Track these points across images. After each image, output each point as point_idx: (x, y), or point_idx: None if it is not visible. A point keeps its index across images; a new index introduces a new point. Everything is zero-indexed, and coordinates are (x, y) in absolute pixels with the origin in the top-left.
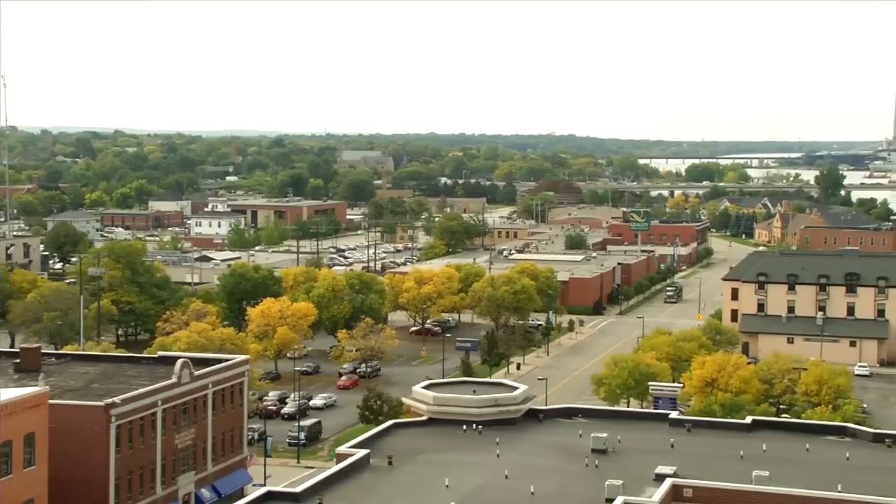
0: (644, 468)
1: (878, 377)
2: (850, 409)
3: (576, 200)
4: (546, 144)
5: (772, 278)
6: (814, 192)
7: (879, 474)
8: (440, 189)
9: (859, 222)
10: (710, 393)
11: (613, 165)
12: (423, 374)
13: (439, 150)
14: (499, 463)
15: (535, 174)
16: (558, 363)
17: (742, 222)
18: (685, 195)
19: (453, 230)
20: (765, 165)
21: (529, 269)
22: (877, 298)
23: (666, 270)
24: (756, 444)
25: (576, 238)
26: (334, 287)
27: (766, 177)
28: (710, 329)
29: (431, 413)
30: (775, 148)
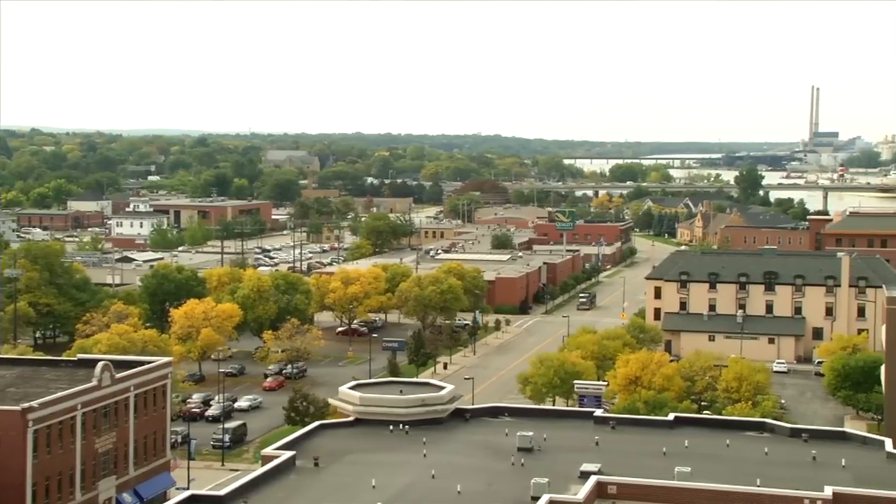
0: (569, 466)
1: (795, 373)
2: (768, 404)
3: (502, 200)
4: (472, 144)
5: (693, 277)
6: (734, 192)
7: (796, 468)
8: (367, 189)
9: (777, 222)
10: (634, 391)
11: (539, 165)
12: (350, 374)
13: (365, 150)
14: (426, 463)
15: (461, 174)
16: (485, 362)
17: (665, 222)
18: (609, 195)
19: (380, 230)
20: (686, 166)
21: (456, 268)
22: (794, 296)
23: (591, 270)
24: (678, 441)
25: (502, 238)
26: (259, 288)
27: (688, 177)
28: (634, 327)
29: (358, 414)
30: (696, 149)
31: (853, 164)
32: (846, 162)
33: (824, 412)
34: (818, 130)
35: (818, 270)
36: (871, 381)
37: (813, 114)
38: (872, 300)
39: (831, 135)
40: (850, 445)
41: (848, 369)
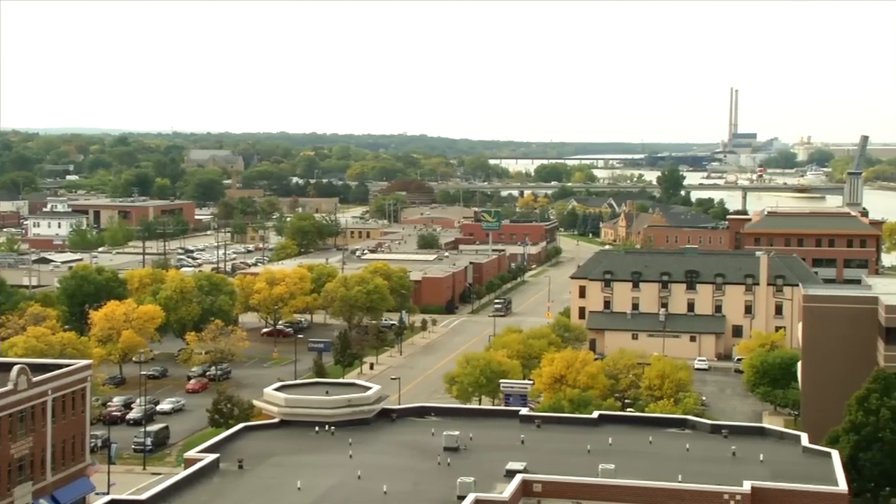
0: (495, 465)
1: (716, 370)
2: (690, 401)
3: (428, 200)
4: (398, 144)
5: (617, 276)
6: (656, 192)
7: (716, 464)
8: (292, 189)
9: (698, 221)
10: (559, 389)
11: (465, 166)
12: (275, 375)
13: (290, 150)
14: (352, 463)
15: (387, 174)
16: (411, 362)
17: (589, 221)
18: (534, 195)
19: (305, 230)
20: (610, 166)
21: (382, 268)
22: (714, 295)
23: (516, 269)
24: (602, 438)
25: (428, 238)
26: (182, 289)
27: (611, 177)
28: (559, 326)
29: (283, 415)
30: (619, 149)
31: (771, 165)
32: (764, 162)
33: (743, 408)
34: (737, 132)
35: (738, 269)
36: (788, 378)
37: (732, 115)
38: (789, 298)
39: (750, 136)
40: (768, 441)
41: (766, 366)
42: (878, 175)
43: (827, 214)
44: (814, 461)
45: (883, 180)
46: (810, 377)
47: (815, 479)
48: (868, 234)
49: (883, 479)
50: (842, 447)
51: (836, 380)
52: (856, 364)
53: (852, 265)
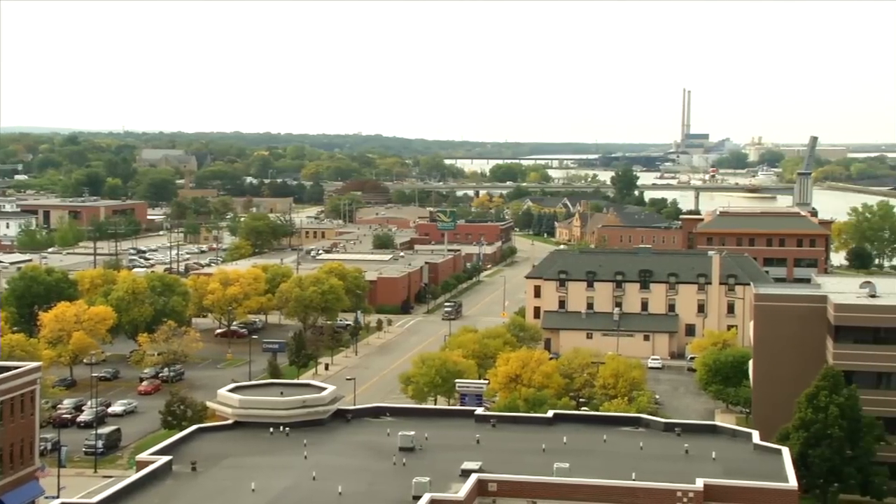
0: (450, 464)
1: (669, 369)
2: (643, 400)
3: (383, 200)
4: (353, 144)
5: (572, 276)
6: (610, 192)
7: (670, 462)
8: (246, 189)
9: (652, 221)
10: (515, 388)
11: (420, 165)
12: (229, 377)
13: (244, 150)
14: (306, 464)
15: (342, 174)
16: (367, 363)
17: (544, 221)
18: (490, 195)
19: (259, 230)
20: (564, 166)
21: (337, 269)
22: (668, 294)
23: (472, 269)
24: (557, 437)
25: (383, 238)
26: (134, 290)
27: (566, 177)
28: (515, 326)
29: (237, 416)
30: (574, 149)
31: (723, 165)
32: (716, 163)
33: (696, 406)
34: (690, 132)
35: (690, 269)
36: (739, 376)
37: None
38: (741, 297)
39: (702, 136)
40: (720, 438)
41: (718, 364)
42: (827, 175)
43: (777, 214)
44: (764, 458)
45: (832, 180)
46: (761, 375)
47: (766, 475)
48: (817, 234)
49: (831, 476)
50: (792, 444)
51: (786, 378)
52: (806, 362)
53: (802, 264)
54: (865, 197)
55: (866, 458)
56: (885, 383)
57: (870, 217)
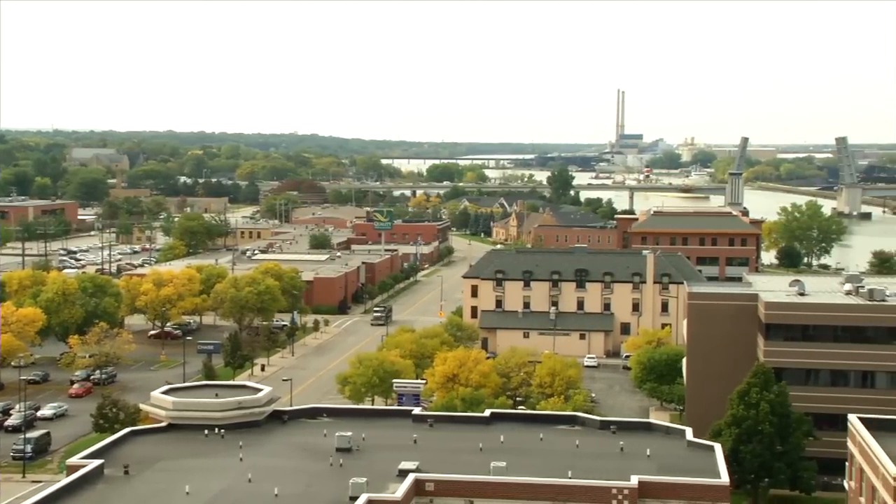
0: (388, 465)
1: (605, 367)
2: (579, 398)
3: (320, 200)
4: (289, 144)
5: (509, 275)
6: (546, 192)
7: (605, 459)
8: (179, 188)
9: (587, 221)
10: (452, 388)
11: (357, 165)
12: (163, 378)
13: (178, 149)
14: (242, 466)
15: (278, 174)
16: (304, 363)
17: (481, 221)
18: (427, 195)
19: (194, 230)
20: (501, 166)
21: (273, 269)
22: (603, 293)
23: (409, 269)
24: (494, 436)
25: (320, 238)
26: (65, 291)
27: (503, 177)
28: (452, 326)
29: (171, 419)
30: (510, 149)
31: (657, 166)
32: (650, 163)
33: (631, 404)
34: (624, 133)
35: (625, 268)
36: (673, 374)
37: (619, 116)
38: (675, 296)
39: (636, 137)
40: (654, 435)
41: (653, 362)
42: (758, 175)
43: (710, 214)
44: (697, 455)
45: (762, 181)
46: (694, 373)
47: (699, 472)
48: (748, 233)
49: (762, 471)
50: (724, 440)
51: (718, 375)
52: (737, 360)
53: (734, 263)
54: (794, 197)
55: (795, 454)
56: (814, 380)
57: (799, 217)
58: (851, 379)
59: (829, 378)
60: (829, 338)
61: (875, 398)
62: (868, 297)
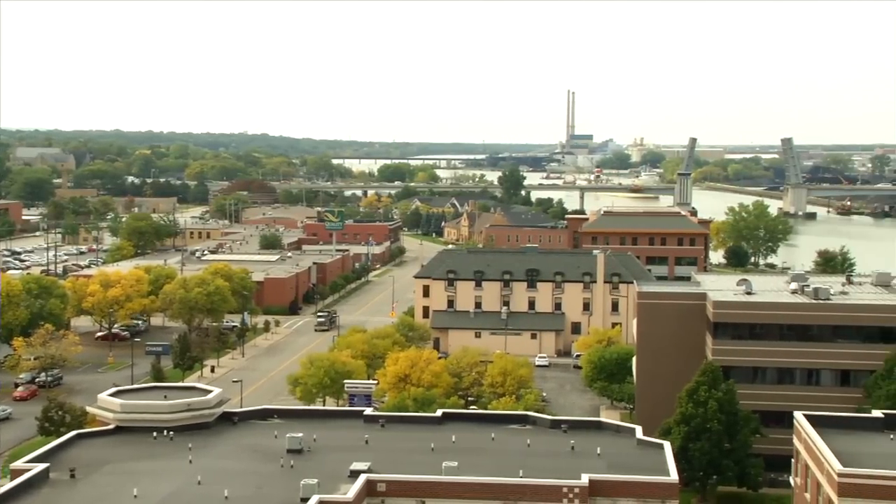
0: (339, 465)
1: (556, 367)
2: (531, 398)
3: (270, 200)
4: (239, 143)
5: (460, 275)
6: (497, 192)
7: (556, 458)
8: (127, 188)
9: (538, 221)
10: (404, 388)
11: (307, 165)
12: (111, 380)
13: (125, 148)
14: (191, 469)
15: (227, 174)
16: (254, 364)
17: (432, 221)
18: (378, 195)
19: (142, 231)
20: (452, 166)
21: (223, 269)
22: (554, 293)
23: (360, 269)
24: (446, 436)
25: (271, 238)
26: (9, 292)
27: (454, 177)
28: (404, 326)
29: (119, 421)
30: (462, 150)
31: (607, 166)
32: (600, 163)
33: (582, 403)
34: (574, 133)
35: (576, 267)
36: (623, 373)
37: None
38: (625, 295)
39: (586, 137)
40: (604, 434)
41: (603, 362)
42: (706, 176)
43: (659, 214)
44: (647, 453)
45: (710, 181)
46: (644, 371)
47: (649, 469)
48: (697, 233)
49: (710, 468)
50: (673, 438)
51: (668, 373)
52: (686, 358)
53: (683, 263)
54: (742, 197)
55: (743, 451)
56: (761, 378)
57: (746, 216)
58: (797, 376)
59: (775, 376)
60: (775, 336)
61: (820, 395)
62: (813, 296)
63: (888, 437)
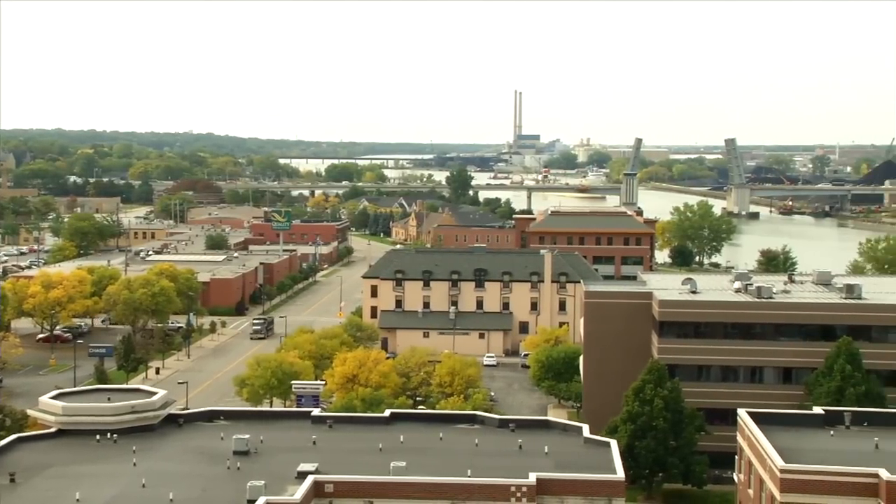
0: (286, 467)
1: (504, 366)
2: (479, 397)
3: (216, 200)
4: (184, 143)
5: (408, 275)
6: (445, 192)
7: (504, 457)
8: (69, 188)
9: (486, 221)
10: (352, 389)
11: (254, 165)
12: (52, 383)
13: (67, 147)
14: (135, 472)
15: (172, 173)
16: (200, 366)
17: (380, 221)
18: (325, 195)
19: (85, 231)
20: (400, 166)
21: (168, 270)
22: (502, 292)
23: (308, 269)
24: (394, 436)
25: (217, 238)
26: None
27: (402, 177)
28: (352, 326)
29: (61, 424)
30: (409, 149)
31: (554, 166)
32: (547, 163)
33: (530, 402)
34: (521, 133)
35: (524, 267)
36: (571, 372)
37: (517, 117)
38: (572, 294)
39: (533, 137)
40: (552, 433)
41: (551, 361)
42: (651, 176)
43: (606, 214)
44: (594, 451)
45: (655, 181)
46: (591, 370)
47: (595, 468)
48: (643, 233)
49: (656, 466)
50: (620, 437)
51: (615, 372)
52: (633, 357)
53: (629, 262)
54: (686, 197)
55: (688, 449)
56: (706, 376)
57: (690, 216)
58: (741, 374)
59: (719, 374)
60: (719, 335)
61: (763, 392)
62: (756, 295)
63: (828, 433)
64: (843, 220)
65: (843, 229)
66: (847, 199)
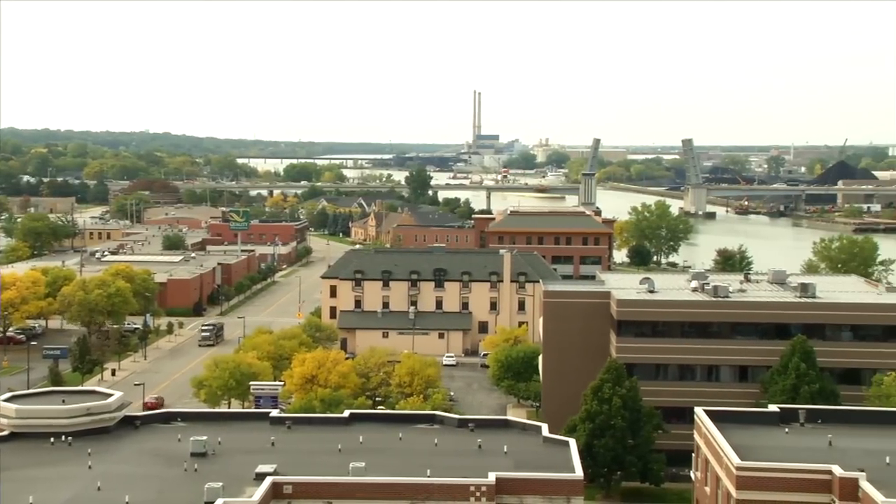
0: (244, 468)
1: (463, 366)
2: (438, 397)
3: (173, 200)
4: (140, 142)
5: (368, 275)
6: (405, 192)
7: (463, 457)
8: (22, 188)
9: (445, 221)
10: (311, 389)
11: (212, 165)
12: (5, 385)
13: (20, 146)
14: (91, 475)
15: (128, 173)
16: (157, 367)
17: (339, 221)
18: (284, 195)
19: (38, 231)
20: (359, 166)
21: (125, 270)
22: (462, 292)
23: (266, 269)
24: (354, 437)
25: (174, 238)
26: None
27: (361, 177)
28: (310, 326)
29: (14, 427)
30: (369, 149)
31: (513, 166)
32: (507, 163)
33: (490, 402)
34: (481, 133)
35: (483, 267)
36: (530, 371)
37: (476, 117)
38: (531, 294)
39: (493, 137)
40: (511, 432)
41: (510, 360)
42: (609, 176)
43: (564, 214)
44: (553, 450)
45: (613, 181)
46: (550, 369)
47: (554, 467)
48: (601, 233)
49: (614, 464)
50: (578, 436)
51: (573, 372)
52: (592, 356)
53: (588, 262)
54: (644, 197)
55: (646, 447)
56: (663, 374)
57: (648, 216)
58: (698, 373)
59: (677, 373)
60: (677, 334)
61: (720, 391)
62: (713, 294)
63: (784, 430)
64: (798, 219)
65: (797, 229)
66: (801, 199)
